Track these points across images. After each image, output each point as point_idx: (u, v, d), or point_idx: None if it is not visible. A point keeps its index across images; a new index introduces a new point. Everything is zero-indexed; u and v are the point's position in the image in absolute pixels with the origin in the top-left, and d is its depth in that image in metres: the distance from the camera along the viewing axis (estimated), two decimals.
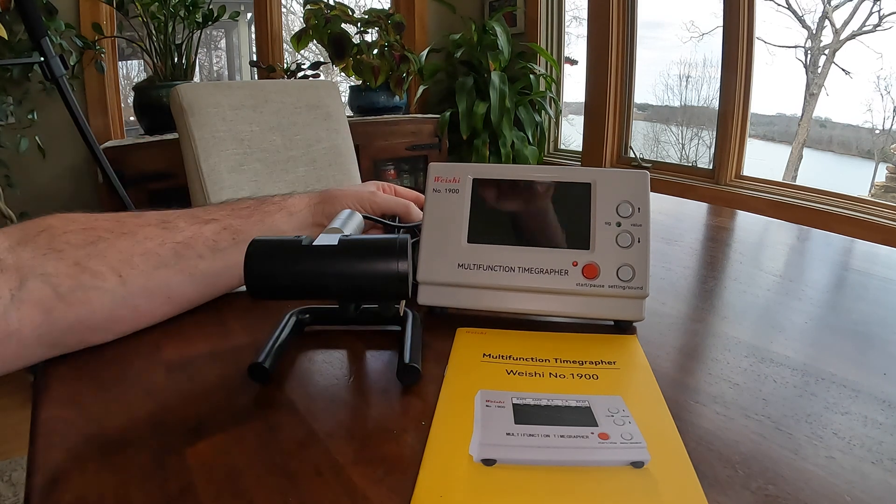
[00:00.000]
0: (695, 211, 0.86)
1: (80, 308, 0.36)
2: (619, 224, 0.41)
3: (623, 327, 0.42)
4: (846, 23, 1.80)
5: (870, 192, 1.81)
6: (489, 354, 0.37)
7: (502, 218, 0.43)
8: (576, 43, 2.45)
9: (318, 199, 0.51)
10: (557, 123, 2.56)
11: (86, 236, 0.37)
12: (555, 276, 0.40)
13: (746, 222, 0.79)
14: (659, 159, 2.23)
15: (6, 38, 1.42)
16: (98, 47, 1.86)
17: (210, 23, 1.87)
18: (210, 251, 0.42)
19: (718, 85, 1.84)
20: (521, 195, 0.42)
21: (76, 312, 0.36)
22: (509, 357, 0.37)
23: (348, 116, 1.59)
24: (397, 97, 2.20)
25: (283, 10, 2.47)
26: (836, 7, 1.83)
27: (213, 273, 0.43)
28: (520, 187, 0.42)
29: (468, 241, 0.42)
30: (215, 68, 3.16)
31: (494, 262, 0.41)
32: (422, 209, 0.56)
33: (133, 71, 2.49)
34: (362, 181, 1.30)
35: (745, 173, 1.86)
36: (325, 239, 0.38)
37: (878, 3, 1.68)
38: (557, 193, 0.42)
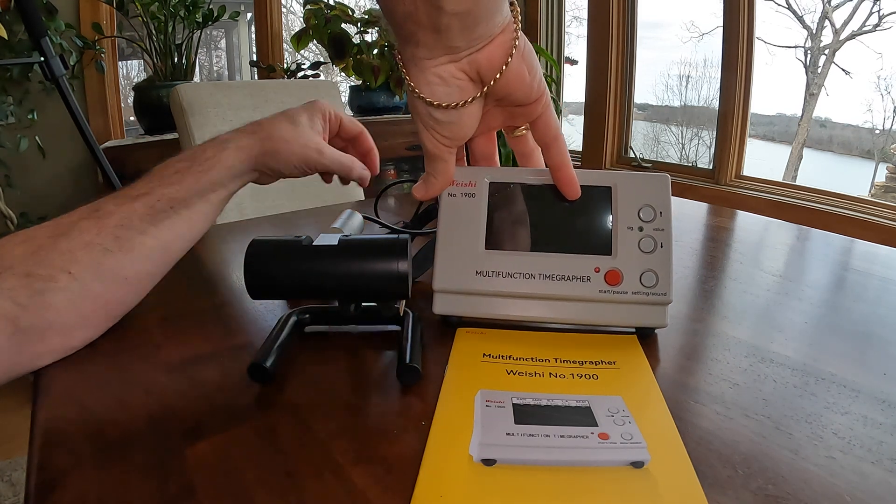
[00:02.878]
0: (695, 211, 0.86)
1: (45, 312, 0.36)
2: (641, 229, 0.40)
3: (645, 334, 0.41)
4: (846, 23, 1.80)
5: (870, 192, 1.81)
6: (489, 354, 0.37)
7: (520, 223, 0.41)
8: (576, 43, 2.45)
9: (260, 150, 0.48)
10: None
11: (27, 247, 0.38)
12: (576, 282, 0.39)
13: (746, 222, 0.79)
14: (659, 159, 2.23)
15: (6, 38, 1.42)
16: (98, 47, 1.86)
17: (210, 23, 1.87)
18: (150, 225, 0.41)
19: (718, 85, 1.84)
20: (539, 199, 0.41)
21: (42, 317, 0.36)
22: (509, 357, 0.37)
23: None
24: (397, 97, 2.20)
25: (283, 10, 2.47)
26: (836, 7, 1.83)
27: (161, 245, 0.42)
28: (538, 191, 0.41)
29: (486, 248, 0.40)
30: (215, 68, 3.16)
31: (514, 268, 0.40)
32: (364, 161, 0.54)
33: (133, 71, 2.49)
34: None
35: (745, 173, 1.85)
36: (325, 239, 0.38)
37: (878, 3, 1.68)
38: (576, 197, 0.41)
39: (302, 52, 2.30)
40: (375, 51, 2.05)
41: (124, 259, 0.40)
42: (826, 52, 1.86)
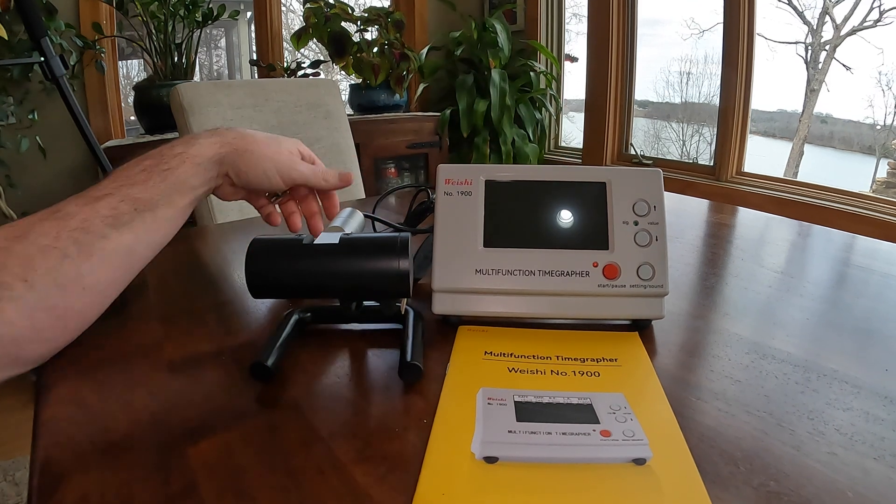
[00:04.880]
0: (696, 208, 0.86)
1: None
2: (636, 223, 0.40)
3: (641, 326, 0.41)
4: (847, 18, 1.80)
5: (871, 187, 1.81)
6: (491, 352, 0.37)
7: (517, 220, 0.41)
8: (576, 40, 2.44)
9: (231, 149, 0.45)
10: (558, 121, 2.55)
11: None
12: (576, 277, 0.40)
13: (747, 219, 0.79)
14: (660, 156, 2.23)
15: (6, 38, 1.42)
16: (98, 47, 1.86)
17: (210, 22, 1.86)
18: (112, 228, 0.39)
19: (719, 81, 1.83)
20: (535, 196, 0.41)
21: None
22: (511, 355, 0.37)
23: (348, 115, 1.58)
24: (397, 95, 2.19)
25: (283, 8, 2.46)
26: (837, 2, 1.83)
27: (123, 249, 0.39)
28: (533, 188, 0.41)
29: (484, 246, 0.41)
30: (215, 67, 3.15)
31: (513, 265, 0.40)
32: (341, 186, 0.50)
33: (133, 70, 2.48)
34: (363, 179, 1.30)
35: (745, 170, 1.85)
36: (326, 238, 0.38)
37: None
38: (572, 193, 0.41)
39: (302, 50, 2.30)
40: (375, 49, 2.05)
41: (84, 266, 0.37)
42: (827, 47, 1.85)
